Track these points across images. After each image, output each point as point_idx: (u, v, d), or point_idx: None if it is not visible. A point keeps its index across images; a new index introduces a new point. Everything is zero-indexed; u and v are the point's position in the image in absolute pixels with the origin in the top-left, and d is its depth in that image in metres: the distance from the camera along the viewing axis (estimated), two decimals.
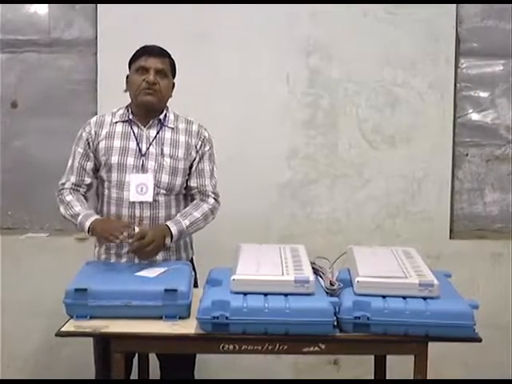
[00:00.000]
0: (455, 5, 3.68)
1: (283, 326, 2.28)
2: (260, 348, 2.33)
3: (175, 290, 2.39)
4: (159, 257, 2.85)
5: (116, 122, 2.89)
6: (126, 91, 2.91)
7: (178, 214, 2.86)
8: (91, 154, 2.89)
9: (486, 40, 3.79)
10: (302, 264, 2.50)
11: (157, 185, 2.82)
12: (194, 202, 2.93)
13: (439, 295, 2.33)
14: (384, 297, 2.32)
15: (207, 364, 3.47)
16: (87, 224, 2.75)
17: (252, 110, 3.66)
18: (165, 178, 2.84)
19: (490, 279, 3.75)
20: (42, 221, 3.83)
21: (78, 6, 3.71)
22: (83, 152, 2.90)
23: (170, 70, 2.87)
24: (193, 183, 2.92)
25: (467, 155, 3.87)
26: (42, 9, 3.71)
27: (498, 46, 3.79)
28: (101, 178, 2.90)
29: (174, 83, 2.93)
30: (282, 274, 2.39)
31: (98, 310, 2.39)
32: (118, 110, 2.93)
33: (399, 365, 2.65)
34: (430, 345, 2.33)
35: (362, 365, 3.58)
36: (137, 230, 2.76)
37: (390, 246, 2.91)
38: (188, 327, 2.35)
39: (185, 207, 2.93)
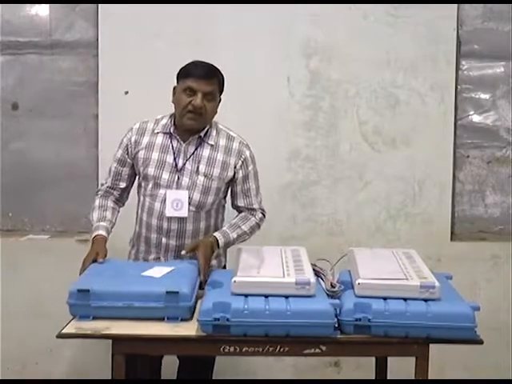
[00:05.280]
0: (456, 7, 3.69)
1: (284, 327, 2.27)
2: (261, 350, 2.33)
3: (177, 292, 2.38)
4: None
5: (158, 133, 2.91)
6: (173, 102, 2.87)
7: (227, 225, 2.94)
8: (128, 160, 2.95)
9: (487, 42, 3.79)
10: (303, 266, 2.51)
11: (188, 202, 2.86)
12: (243, 214, 2.99)
13: (440, 297, 2.33)
14: (385, 299, 2.32)
15: None
16: (92, 236, 2.88)
17: (253, 112, 3.66)
18: (196, 196, 2.87)
19: (491, 281, 3.75)
20: (43, 222, 3.83)
21: (78, 7, 3.71)
22: (121, 157, 2.96)
23: (218, 90, 2.86)
24: (240, 203, 2.98)
25: (468, 157, 3.87)
26: (42, 10, 3.71)
27: (499, 48, 3.79)
28: (139, 184, 2.98)
29: (220, 99, 2.91)
30: (283, 275, 2.39)
31: (101, 311, 2.39)
32: (162, 119, 2.93)
33: (400, 367, 2.64)
34: (432, 346, 2.33)
35: (362, 367, 3.58)
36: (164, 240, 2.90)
37: (390, 247, 2.91)
38: (189, 329, 2.35)
39: (215, 221, 2.98)
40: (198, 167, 2.87)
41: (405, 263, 2.57)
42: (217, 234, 2.87)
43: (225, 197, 3.02)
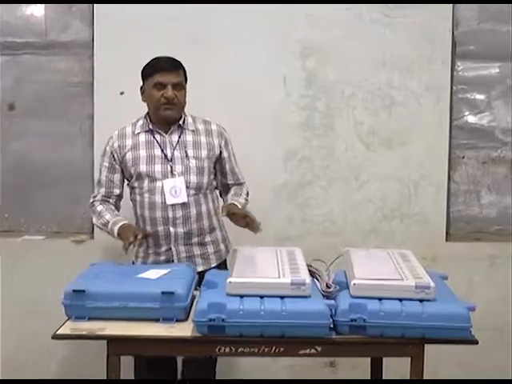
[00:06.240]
0: (451, 8, 3.69)
1: (279, 328, 2.28)
2: (256, 350, 2.33)
3: (172, 293, 2.39)
4: (197, 251, 3.03)
5: (138, 133, 3.03)
6: (144, 101, 3.03)
7: (230, 196, 3.12)
8: (117, 167, 3.05)
9: (483, 43, 3.79)
10: (299, 266, 2.51)
11: (186, 186, 2.96)
12: (234, 187, 3.17)
13: (435, 297, 2.34)
14: (380, 299, 2.33)
15: None
16: (115, 231, 2.93)
17: (249, 112, 3.66)
18: (193, 179, 2.99)
19: (486, 281, 3.75)
20: (39, 223, 3.82)
21: (74, 8, 3.69)
22: (109, 165, 3.07)
23: (184, 79, 3.00)
24: (229, 181, 3.17)
25: (463, 157, 3.87)
26: (38, 11, 3.70)
27: (494, 49, 3.79)
28: (132, 186, 3.06)
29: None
30: (279, 276, 2.39)
31: (96, 312, 2.40)
32: (138, 121, 3.07)
33: (396, 367, 2.65)
34: (427, 346, 2.33)
35: (358, 367, 3.58)
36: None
37: (386, 248, 2.91)
38: (184, 330, 2.35)
39: (213, 204, 3.10)
40: (186, 152, 3.00)
41: (400, 264, 2.57)
42: (232, 201, 3.04)
43: (214, 178, 3.13)
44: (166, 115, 2.96)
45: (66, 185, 3.78)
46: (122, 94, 3.63)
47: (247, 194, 3.17)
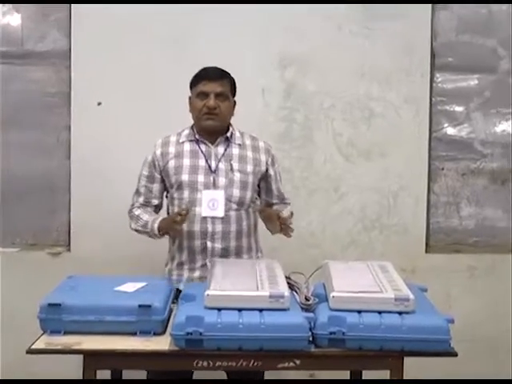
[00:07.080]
0: (430, 19, 3.72)
1: (258, 341, 2.25)
2: (234, 364, 2.30)
3: (149, 306, 2.36)
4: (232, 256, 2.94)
5: (183, 142, 2.96)
6: (190, 111, 2.97)
7: (276, 208, 3.03)
8: (157, 176, 2.99)
9: (461, 55, 3.83)
10: (277, 279, 2.48)
11: (228, 199, 2.91)
12: (278, 205, 3.08)
13: (415, 310, 2.32)
14: (359, 312, 2.31)
15: None
16: (155, 227, 2.89)
17: None
18: (236, 193, 2.92)
19: (465, 293, 3.76)
20: (14, 235, 3.76)
21: (52, 17, 3.66)
22: (148, 174, 3.00)
23: (229, 90, 2.94)
24: (274, 200, 3.09)
25: (443, 169, 3.89)
26: (14, 20, 3.67)
27: (473, 61, 3.82)
28: (171, 197, 2.98)
29: (235, 101, 2.99)
30: (257, 289, 2.37)
31: (72, 325, 2.36)
32: (183, 131, 3.00)
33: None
34: (406, 358, 2.31)
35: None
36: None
37: (365, 259, 2.90)
38: (162, 343, 2.32)
39: (254, 221, 3.03)
40: (231, 165, 2.93)
41: (379, 276, 2.56)
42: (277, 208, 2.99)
43: (258, 197, 3.07)
44: (207, 125, 2.90)
45: (43, 196, 3.74)
46: (99, 104, 3.61)
47: (291, 213, 2.87)
